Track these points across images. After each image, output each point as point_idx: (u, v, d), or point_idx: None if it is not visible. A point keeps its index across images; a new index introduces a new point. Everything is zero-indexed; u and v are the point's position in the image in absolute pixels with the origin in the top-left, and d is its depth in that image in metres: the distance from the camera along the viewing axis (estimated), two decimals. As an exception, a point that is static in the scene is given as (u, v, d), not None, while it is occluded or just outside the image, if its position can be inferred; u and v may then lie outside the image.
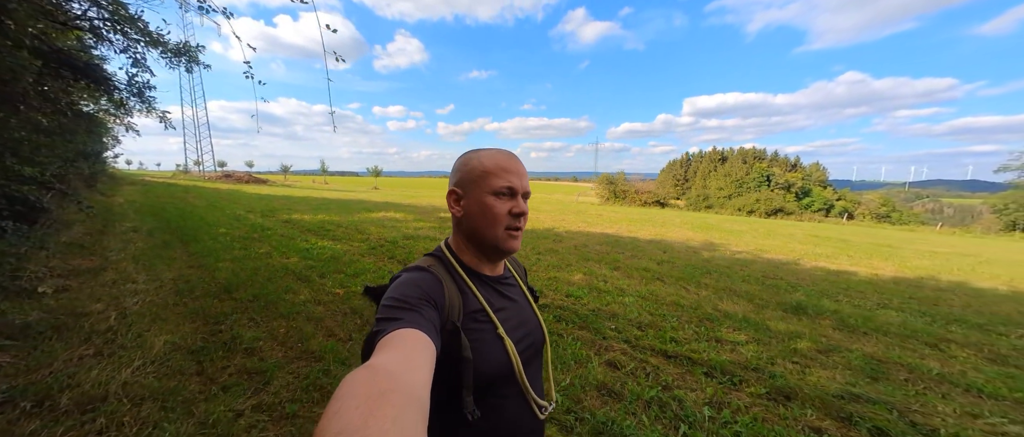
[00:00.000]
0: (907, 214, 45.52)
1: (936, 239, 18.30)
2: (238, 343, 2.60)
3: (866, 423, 2.29)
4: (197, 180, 34.84)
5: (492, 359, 0.65)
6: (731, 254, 8.60)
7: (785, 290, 5.54)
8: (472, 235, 0.70)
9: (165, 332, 2.68)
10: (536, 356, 0.76)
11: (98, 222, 7.18)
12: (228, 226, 8.13)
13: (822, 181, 51.07)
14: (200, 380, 2.15)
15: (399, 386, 0.36)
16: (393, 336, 0.48)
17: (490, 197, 0.67)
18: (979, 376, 3.13)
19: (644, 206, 31.73)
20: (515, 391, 0.69)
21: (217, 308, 3.26)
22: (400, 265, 5.55)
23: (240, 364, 2.35)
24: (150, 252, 5.27)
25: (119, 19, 3.07)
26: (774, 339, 3.64)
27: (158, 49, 3.58)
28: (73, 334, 2.53)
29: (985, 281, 7.40)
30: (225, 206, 12.32)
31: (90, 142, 9.93)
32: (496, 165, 0.68)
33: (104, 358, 2.27)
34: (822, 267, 7.77)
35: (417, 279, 0.63)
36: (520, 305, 0.76)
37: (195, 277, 4.16)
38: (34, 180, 4.58)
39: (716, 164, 60.74)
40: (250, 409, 1.91)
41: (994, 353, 3.64)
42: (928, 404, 2.59)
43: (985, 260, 10.65)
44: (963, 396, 2.80)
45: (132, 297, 3.34)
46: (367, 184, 51.36)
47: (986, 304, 5.60)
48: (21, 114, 3.92)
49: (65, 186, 6.83)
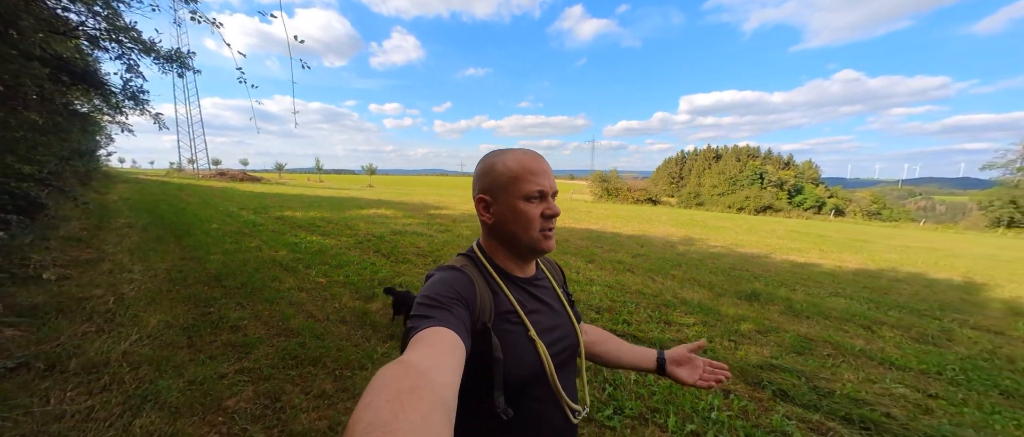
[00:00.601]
0: (897, 211, 46.33)
1: (915, 235, 18.84)
2: (225, 322, 2.92)
3: (772, 386, 2.64)
4: (191, 178, 34.86)
5: (524, 361, 0.65)
6: (706, 248, 8.98)
7: (746, 280, 5.90)
8: (505, 238, 0.71)
9: (159, 313, 2.99)
10: (570, 360, 0.75)
11: (94, 218, 7.42)
12: (220, 222, 8.39)
13: (814, 179, 51.77)
14: (190, 351, 2.46)
15: (429, 383, 0.38)
16: (425, 334, 0.50)
17: (522, 202, 0.67)
18: (897, 352, 3.50)
19: (636, 204, 32.18)
20: (548, 394, 0.68)
21: (207, 294, 3.57)
22: (385, 259, 5.85)
23: (226, 339, 2.66)
24: (145, 245, 5.55)
25: (115, 28, 3.35)
26: (721, 322, 3.99)
27: (151, 56, 3.87)
28: (76, 314, 2.83)
29: (942, 273, 7.81)
30: (218, 203, 12.55)
31: (84, 141, 10.15)
32: (524, 168, 0.68)
33: (105, 333, 2.58)
34: (790, 260, 8.16)
35: (449, 278, 0.64)
36: (553, 308, 0.76)
37: (187, 268, 4.45)
38: (33, 177, 4.84)
39: (710, 162, 61.36)
40: (233, 373, 2.23)
41: (920, 334, 4.02)
42: (836, 373, 2.94)
43: (952, 254, 11.11)
44: (874, 367, 3.16)
45: (128, 284, 3.64)
46: (362, 182, 51.48)
47: (934, 293, 6.00)
48: (20, 114, 4.18)
49: (61, 183, 7.06)
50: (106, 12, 3.31)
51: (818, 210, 41.86)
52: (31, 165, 4.71)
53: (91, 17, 3.32)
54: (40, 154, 5.25)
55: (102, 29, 3.43)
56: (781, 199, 41.97)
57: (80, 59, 4.06)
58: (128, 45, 3.67)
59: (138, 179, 26.97)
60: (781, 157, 57.23)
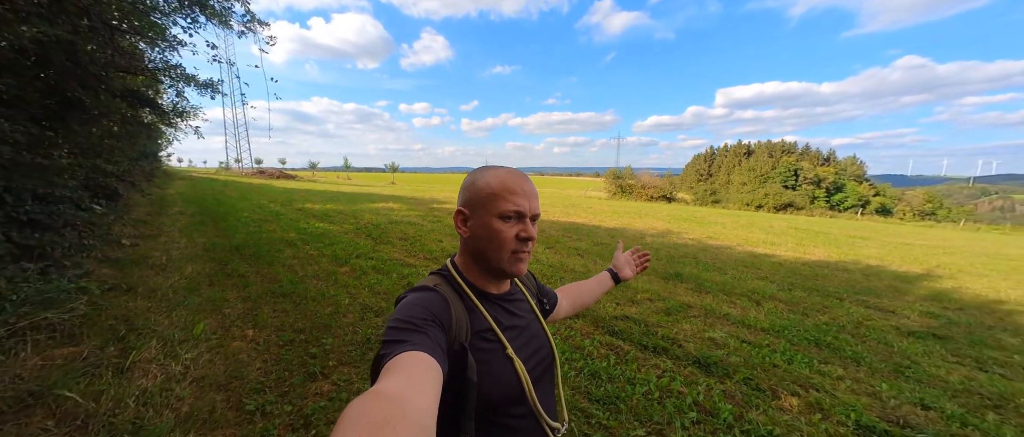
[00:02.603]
0: (957, 211, 42.52)
1: (936, 234, 17.96)
2: (235, 272, 4.22)
3: (613, 329, 3.51)
4: (235, 176, 38.62)
5: (501, 380, 0.65)
6: (675, 240, 9.59)
7: (681, 264, 6.61)
8: (478, 257, 0.70)
9: (193, 265, 4.36)
10: (545, 373, 0.75)
11: (155, 206, 9.28)
12: (251, 212, 10.06)
13: (858, 176, 48.48)
14: (209, 286, 3.76)
15: (404, 414, 0.37)
16: (399, 360, 0.48)
17: (497, 220, 0.66)
18: (759, 316, 4.22)
19: (650, 201, 32.12)
20: (526, 413, 0.68)
21: (227, 257, 4.93)
22: (372, 241, 7.08)
23: (233, 281, 3.95)
24: (190, 227, 7.13)
25: (166, 67, 4.75)
26: (626, 292, 4.83)
27: (191, 84, 5.31)
28: (142, 265, 4.22)
29: (906, 266, 8.03)
30: (253, 197, 14.51)
31: (149, 144, 12.26)
32: (503, 187, 0.67)
33: (159, 275, 3.93)
34: (752, 251, 8.64)
35: (422, 299, 0.62)
36: (528, 322, 0.76)
37: (218, 241, 5.90)
38: (112, 174, 6.47)
39: (741, 158, 58.92)
40: (232, 297, 3.48)
41: (798, 308, 4.67)
42: (677, 325, 3.76)
43: (948, 252, 10.94)
44: (724, 325, 3.91)
45: (176, 250, 5.08)
46: (387, 179, 54.37)
47: (868, 281, 6.44)
48: (103, 126, 5.75)
49: (132, 179, 8.93)
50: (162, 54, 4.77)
51: (862, 209, 39.45)
52: (111, 164, 6.34)
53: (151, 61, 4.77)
54: (116, 156, 6.93)
55: (158, 68, 4.88)
56: (805, 196, 39.76)
57: (146, 88, 5.58)
58: (174, 78, 5.12)
59: (191, 176, 30.53)
60: (820, 152, 54.03)
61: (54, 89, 3.55)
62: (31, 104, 3.16)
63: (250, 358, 2.46)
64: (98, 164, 5.45)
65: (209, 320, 2.98)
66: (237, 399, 2.02)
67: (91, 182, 5.28)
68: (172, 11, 4.37)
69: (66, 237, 3.53)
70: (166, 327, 2.75)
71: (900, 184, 48.53)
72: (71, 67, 3.42)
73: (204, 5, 4.23)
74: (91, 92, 3.88)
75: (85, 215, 4.08)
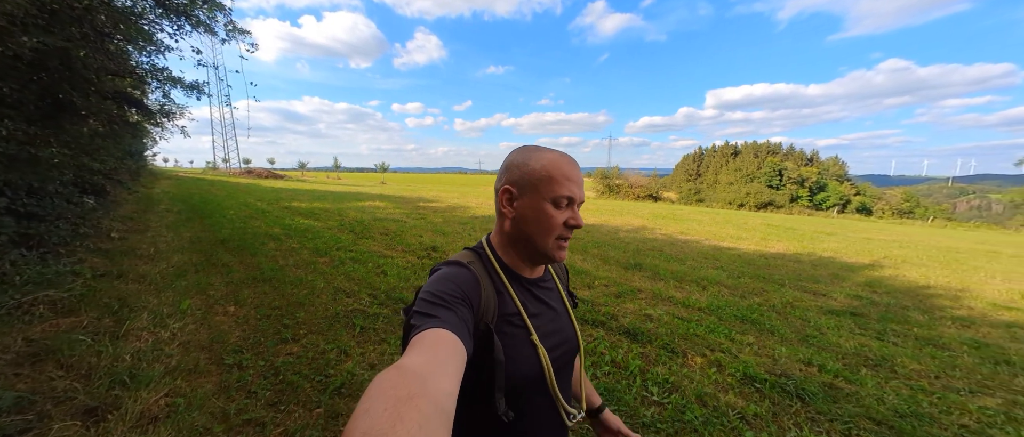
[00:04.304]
0: (933, 210, 44.30)
1: (902, 230, 18.87)
2: (220, 262, 4.56)
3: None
4: (222, 176, 38.28)
5: (523, 364, 0.65)
6: (647, 235, 10.10)
7: (644, 256, 7.09)
8: (520, 238, 0.69)
9: (180, 256, 4.67)
10: (568, 364, 0.76)
11: (142, 204, 9.46)
12: (237, 209, 10.29)
13: (840, 176, 50.04)
14: (195, 272, 4.09)
15: (426, 391, 0.37)
16: (426, 336, 0.49)
17: (549, 205, 0.66)
18: (700, 298, 4.69)
19: (637, 200, 32.84)
20: (544, 398, 0.69)
21: (213, 249, 5.24)
22: (353, 235, 7.42)
23: (218, 269, 4.29)
24: (177, 222, 7.39)
25: (154, 70, 5.04)
26: (584, 277, 5.27)
27: (177, 86, 5.60)
28: (131, 255, 4.52)
29: (856, 258, 8.63)
30: (240, 196, 14.67)
31: (134, 143, 12.36)
32: (560, 172, 0.66)
33: (148, 263, 4.24)
34: (716, 245, 9.18)
35: (455, 275, 0.63)
36: (557, 311, 0.76)
37: (204, 235, 6.19)
38: (99, 172, 6.71)
39: (728, 158, 60.29)
40: (217, 282, 3.83)
41: (738, 292, 5.16)
42: (620, 304, 4.21)
43: (904, 245, 11.65)
44: (666, 305, 4.37)
45: (163, 242, 5.37)
46: (377, 179, 54.33)
47: (814, 269, 6.99)
48: (90, 125, 6.00)
49: (118, 177, 9.10)
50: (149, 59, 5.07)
51: (843, 208, 40.80)
52: (98, 162, 6.57)
53: (138, 64, 5.06)
54: (103, 154, 7.15)
55: (146, 71, 5.17)
56: (785, 195, 40.96)
57: (133, 90, 5.86)
58: (161, 80, 5.41)
59: (178, 176, 30.26)
60: (804, 153, 55.61)
61: (47, 91, 3.84)
62: (28, 106, 3.46)
63: (230, 328, 2.82)
64: (86, 162, 5.71)
65: (194, 299, 3.33)
66: (218, 356, 2.39)
67: (80, 179, 5.53)
68: (158, 17, 4.67)
69: (60, 228, 3.84)
70: (155, 304, 3.09)
71: (883, 184, 50.24)
72: (64, 71, 3.72)
73: (189, 14, 4.54)
74: (82, 94, 4.18)
75: (76, 209, 4.37)
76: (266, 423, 1.83)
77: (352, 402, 2.04)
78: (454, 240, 7.42)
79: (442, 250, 6.40)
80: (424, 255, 5.98)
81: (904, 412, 2.38)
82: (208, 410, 1.87)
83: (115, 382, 1.99)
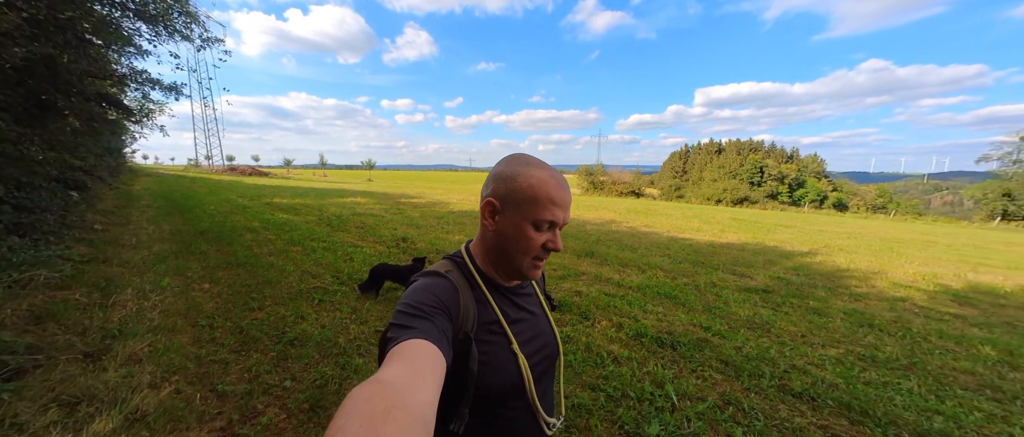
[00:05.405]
0: (905, 205, 46.51)
1: (863, 224, 20.07)
2: (198, 250, 4.99)
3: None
4: (205, 173, 37.82)
5: (503, 373, 0.65)
6: (612, 228, 10.76)
7: (604, 245, 7.70)
8: (498, 253, 0.69)
9: (160, 245, 5.09)
10: (548, 370, 0.76)
11: (122, 200, 9.70)
12: (217, 205, 10.58)
13: (818, 173, 51.96)
14: (174, 259, 4.53)
15: (404, 403, 0.37)
16: (404, 347, 0.49)
17: (529, 227, 0.65)
18: (635, 280, 5.29)
19: (619, 196, 33.71)
20: (524, 406, 0.69)
21: (192, 240, 5.66)
22: (329, 228, 7.85)
23: (197, 256, 4.72)
24: (158, 217, 7.72)
25: (132, 72, 5.39)
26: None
27: (156, 88, 5.96)
28: (114, 244, 4.92)
29: (798, 247, 9.43)
30: (222, 193, 14.85)
31: (113, 140, 12.47)
32: (546, 196, 0.64)
33: (131, 251, 4.65)
34: (674, 236, 9.89)
35: (433, 285, 0.63)
36: (536, 317, 0.76)
37: (184, 228, 6.58)
38: (80, 168, 7.01)
39: (712, 156, 61.93)
40: (195, 266, 4.27)
41: (672, 274, 5.79)
42: (558, 285, 4.78)
43: (852, 236, 12.59)
44: (600, 285, 4.96)
45: (144, 234, 5.76)
46: (364, 176, 54.21)
47: (753, 257, 7.70)
48: (70, 123, 6.31)
49: (98, 173, 9.33)
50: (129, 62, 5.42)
51: (821, 204, 42.50)
52: (78, 159, 6.87)
53: (119, 66, 5.40)
54: (82, 151, 7.43)
55: (125, 73, 5.52)
56: (761, 191, 42.51)
57: (113, 91, 6.19)
58: (140, 81, 5.78)
59: (158, 173, 29.91)
60: (784, 150, 57.53)
61: (33, 94, 4.21)
62: (16, 108, 3.84)
63: (205, 301, 3.30)
64: (66, 159, 6.03)
65: (174, 279, 3.79)
66: (193, 320, 2.88)
67: (62, 174, 5.85)
68: (135, 24, 5.02)
69: (48, 219, 4.23)
70: (138, 283, 3.54)
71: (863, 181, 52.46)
72: (49, 75, 4.10)
73: (167, 23, 4.92)
74: (64, 95, 4.54)
75: (61, 202, 4.75)
76: (229, 362, 2.34)
77: (302, 349, 2.56)
78: (426, 233, 7.91)
79: (412, 241, 6.90)
80: (393, 245, 6.48)
81: (751, 357, 3.01)
82: (183, 354, 2.37)
83: (107, 335, 2.46)
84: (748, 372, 2.74)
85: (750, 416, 2.19)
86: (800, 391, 2.51)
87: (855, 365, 3.01)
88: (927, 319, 4.37)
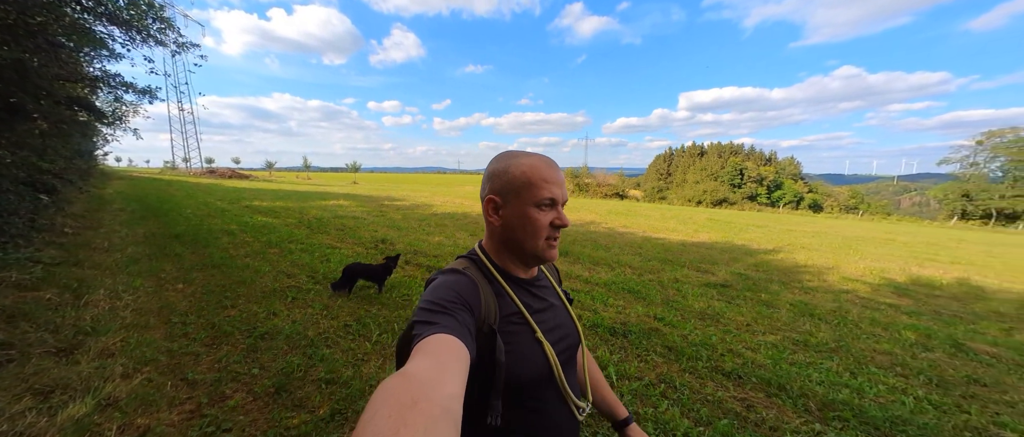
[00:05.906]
0: (875, 206, 48.89)
1: (824, 223, 21.08)
2: (173, 252, 5.03)
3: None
4: (182, 176, 36.74)
5: (530, 362, 0.67)
6: (591, 228, 11.09)
7: (579, 244, 7.98)
8: (511, 244, 0.71)
9: (134, 248, 5.11)
10: (572, 357, 0.78)
11: (94, 203, 9.50)
12: (195, 208, 10.45)
13: (795, 175, 54.03)
14: (149, 260, 4.57)
15: (431, 396, 0.38)
16: (428, 341, 0.50)
17: (533, 209, 0.68)
18: (603, 276, 5.56)
19: (604, 198, 34.35)
20: (554, 393, 0.71)
21: (167, 242, 5.67)
22: (308, 230, 7.90)
23: (172, 258, 4.76)
24: (131, 220, 7.63)
25: (106, 75, 5.38)
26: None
27: (129, 90, 5.95)
28: (86, 247, 4.91)
29: (762, 245, 9.91)
30: (199, 196, 14.59)
31: (84, 143, 12.15)
32: (539, 176, 0.68)
33: (103, 254, 4.67)
34: (648, 236, 10.26)
35: (452, 282, 0.64)
36: (556, 307, 0.78)
37: (159, 231, 6.55)
38: (49, 171, 6.90)
39: (695, 158, 63.69)
40: (169, 267, 4.34)
41: (639, 271, 6.08)
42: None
43: (816, 234, 13.27)
44: (569, 281, 5.21)
45: (117, 238, 5.74)
46: (349, 179, 53.50)
47: (720, 254, 8.09)
48: (38, 125, 6.23)
49: (69, 176, 9.12)
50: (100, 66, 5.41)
51: (797, 205, 44.24)
52: (47, 162, 6.77)
53: (91, 69, 5.39)
54: (51, 154, 7.30)
55: (98, 76, 5.51)
56: (741, 193, 43.96)
57: (84, 92, 6.14)
58: (114, 85, 5.77)
59: (132, 176, 28.94)
60: (763, 153, 59.64)
61: (1, 97, 4.21)
62: (-16, 111, 3.86)
63: (179, 300, 3.40)
64: (35, 161, 5.96)
65: (147, 281, 3.86)
66: (166, 318, 2.98)
67: (31, 177, 5.78)
68: (108, 28, 5.04)
69: (16, 222, 4.22)
70: (111, 284, 3.60)
71: (839, 182, 54.77)
72: (18, 79, 4.12)
73: (140, 28, 4.96)
74: (33, 99, 4.54)
75: (30, 205, 4.73)
76: (200, 354, 2.48)
77: (272, 342, 2.71)
78: (406, 235, 8.05)
79: (391, 242, 7.03)
80: (372, 247, 6.60)
81: (694, 342, 3.29)
82: (155, 348, 2.49)
83: (79, 332, 2.56)
84: (688, 356, 3.01)
85: (679, 391, 2.46)
86: (730, 371, 2.80)
87: (787, 349, 3.32)
88: (863, 308, 4.78)
